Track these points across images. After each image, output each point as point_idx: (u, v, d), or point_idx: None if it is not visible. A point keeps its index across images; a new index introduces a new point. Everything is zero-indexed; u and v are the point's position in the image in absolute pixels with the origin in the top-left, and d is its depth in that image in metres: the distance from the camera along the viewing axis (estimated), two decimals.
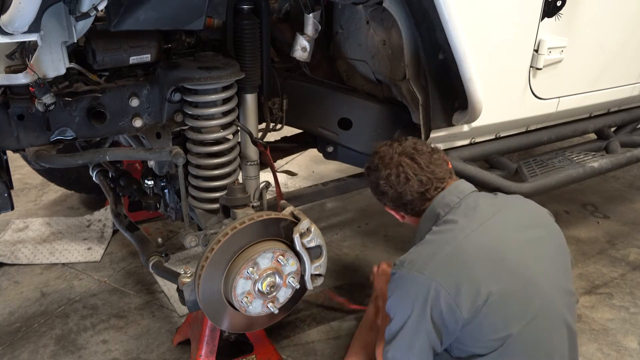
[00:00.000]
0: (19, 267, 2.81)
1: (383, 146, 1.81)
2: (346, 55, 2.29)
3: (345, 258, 2.93)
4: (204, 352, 2.01)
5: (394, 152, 1.75)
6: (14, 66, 1.49)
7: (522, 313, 1.52)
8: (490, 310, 1.48)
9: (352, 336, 2.22)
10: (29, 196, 3.57)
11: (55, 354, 2.26)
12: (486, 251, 1.54)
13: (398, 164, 1.72)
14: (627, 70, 2.52)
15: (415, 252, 1.60)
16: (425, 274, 1.51)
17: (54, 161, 1.72)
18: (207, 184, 2.00)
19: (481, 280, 1.49)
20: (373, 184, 1.81)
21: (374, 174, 1.79)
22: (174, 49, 1.88)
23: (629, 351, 2.31)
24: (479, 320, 1.49)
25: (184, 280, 1.78)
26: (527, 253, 1.60)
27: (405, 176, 1.71)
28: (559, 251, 1.71)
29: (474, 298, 1.47)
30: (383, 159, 1.76)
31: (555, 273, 1.64)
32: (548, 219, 1.77)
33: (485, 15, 1.91)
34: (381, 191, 1.77)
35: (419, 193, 1.71)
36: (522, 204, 1.78)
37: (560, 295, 1.61)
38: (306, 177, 3.92)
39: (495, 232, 1.60)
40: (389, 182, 1.73)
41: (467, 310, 1.48)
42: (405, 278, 1.55)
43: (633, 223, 3.33)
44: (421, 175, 1.70)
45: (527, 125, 2.41)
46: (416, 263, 1.55)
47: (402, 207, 1.78)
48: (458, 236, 1.56)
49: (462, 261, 1.52)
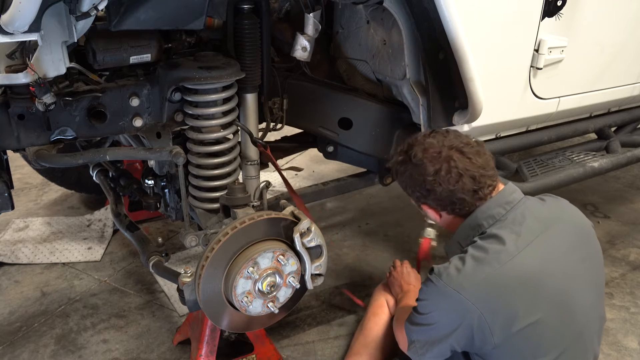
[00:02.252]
0: (20, 266, 2.81)
1: (425, 138, 1.61)
2: (346, 54, 2.29)
3: (345, 258, 2.93)
4: (204, 352, 2.01)
5: (441, 145, 1.57)
6: (14, 66, 1.49)
7: (555, 344, 1.48)
8: (523, 338, 1.46)
9: (352, 336, 2.22)
10: (30, 196, 3.58)
11: (56, 353, 2.26)
12: (528, 278, 1.46)
13: (448, 159, 1.54)
14: (628, 70, 2.52)
15: (456, 266, 1.49)
16: (463, 294, 1.44)
17: (54, 161, 1.72)
18: (207, 183, 2.00)
19: (519, 309, 1.44)
20: (414, 181, 1.60)
21: (416, 169, 1.59)
22: (174, 49, 1.88)
23: (629, 351, 2.31)
24: (509, 345, 1.46)
25: (184, 280, 1.78)
26: (569, 280, 1.52)
27: (457, 172, 1.53)
28: (598, 272, 1.65)
29: (509, 325, 1.44)
30: (427, 152, 1.57)
31: (593, 300, 1.59)
32: (590, 232, 1.67)
33: (486, 15, 1.91)
34: (426, 189, 1.58)
35: (472, 191, 1.55)
36: (570, 217, 1.66)
37: (593, 324, 1.58)
38: (306, 177, 3.92)
39: (539, 255, 1.50)
40: (438, 178, 1.54)
41: (499, 336, 1.45)
42: (440, 291, 1.49)
43: (633, 223, 3.33)
44: (473, 171, 1.54)
45: (528, 125, 2.41)
46: (454, 279, 1.46)
47: (449, 206, 1.60)
48: (502, 259, 1.46)
49: (503, 287, 1.46)
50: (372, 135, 2.25)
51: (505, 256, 1.47)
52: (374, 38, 2.12)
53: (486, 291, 1.45)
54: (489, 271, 1.46)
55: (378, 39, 2.10)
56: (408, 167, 1.62)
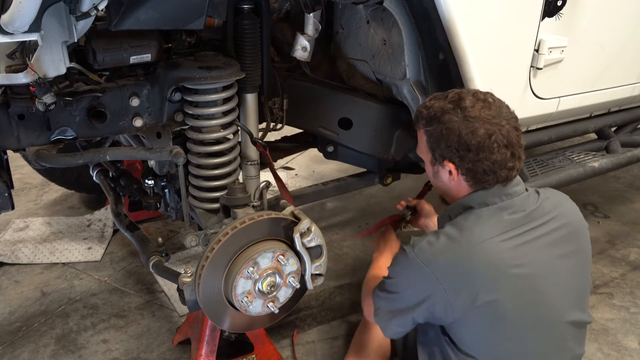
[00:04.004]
0: (20, 266, 2.81)
1: (477, 96, 1.55)
2: (346, 54, 2.29)
3: (345, 258, 2.93)
4: (204, 352, 2.01)
5: (497, 112, 1.53)
6: (14, 66, 1.49)
7: (514, 327, 1.51)
8: (480, 315, 1.49)
9: (352, 336, 2.22)
10: (30, 196, 3.58)
11: (56, 353, 2.26)
12: (492, 263, 1.48)
13: (502, 128, 1.51)
14: (628, 70, 2.52)
15: (429, 240, 1.53)
16: (429, 268, 1.50)
17: (54, 161, 1.72)
18: (207, 183, 2.00)
19: (480, 290, 1.47)
20: (455, 134, 1.52)
21: (465, 124, 1.51)
22: (174, 49, 1.88)
23: (629, 351, 2.31)
24: (467, 319, 1.51)
25: (184, 280, 1.78)
26: (541, 273, 1.52)
27: (505, 144, 1.51)
28: (582, 271, 1.65)
29: (470, 303, 1.48)
30: (483, 112, 1.51)
31: (569, 296, 1.59)
32: (583, 232, 1.66)
33: (486, 15, 1.91)
34: (467, 148, 1.51)
35: (506, 169, 1.53)
36: (564, 214, 1.63)
37: (567, 324, 1.58)
38: (306, 177, 3.92)
39: (511, 245, 1.50)
40: (488, 142, 1.49)
41: (458, 312, 1.50)
42: (410, 262, 1.54)
43: (633, 223, 3.33)
44: (515, 149, 1.53)
45: (528, 125, 2.41)
46: (424, 253, 1.52)
47: (477, 174, 1.54)
48: (474, 240, 1.49)
49: (468, 267, 1.48)
50: (372, 135, 2.25)
51: (477, 238, 1.49)
52: (374, 38, 2.12)
53: (452, 269, 1.49)
54: (457, 250, 1.49)
55: (378, 39, 2.10)
56: (454, 118, 1.53)
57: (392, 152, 2.29)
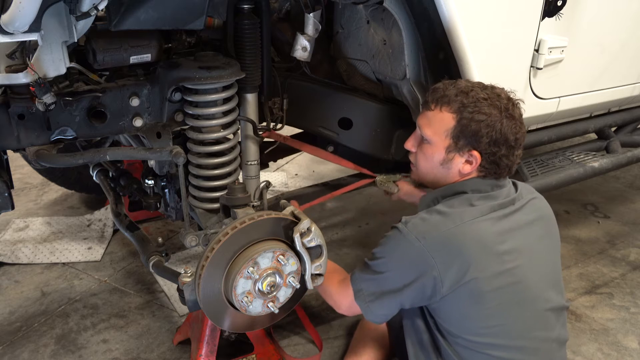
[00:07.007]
0: (20, 266, 2.81)
1: (507, 98, 1.62)
2: (346, 54, 2.29)
3: (345, 258, 2.93)
4: (204, 352, 2.01)
5: (510, 108, 1.60)
6: (14, 66, 1.49)
7: (498, 306, 1.55)
8: (466, 290, 1.52)
9: (352, 336, 2.22)
10: (30, 196, 3.58)
11: (56, 353, 2.26)
12: (481, 240, 1.54)
13: (524, 127, 1.63)
14: (628, 70, 2.52)
15: (421, 217, 1.59)
16: (422, 243, 1.52)
17: (54, 161, 1.72)
18: (207, 183, 2.00)
19: (470, 266, 1.51)
20: (493, 128, 1.57)
21: (510, 121, 1.59)
22: (175, 49, 1.88)
23: (629, 351, 2.31)
24: (454, 296, 1.53)
25: (184, 280, 1.78)
26: (524, 252, 1.60)
27: (514, 138, 1.60)
28: (555, 253, 1.74)
29: (459, 279, 1.51)
30: (515, 111, 1.60)
31: (548, 276, 1.67)
32: (552, 217, 1.76)
33: (486, 15, 1.91)
34: (504, 140, 1.58)
35: (513, 163, 1.63)
36: (537, 202, 1.74)
37: (547, 301, 1.63)
38: (306, 177, 3.92)
39: (499, 226, 1.58)
40: (522, 138, 1.62)
41: (447, 288, 1.52)
42: (403, 238, 1.56)
43: (633, 223, 3.33)
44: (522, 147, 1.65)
45: (528, 125, 2.41)
46: (418, 228, 1.55)
47: (492, 164, 1.62)
48: (465, 217, 1.55)
49: (460, 243, 1.53)
50: (373, 135, 2.26)
51: (468, 216, 1.56)
52: (374, 38, 2.12)
53: (445, 243, 1.53)
54: (450, 226, 1.54)
55: (378, 39, 2.10)
56: (494, 112, 1.57)
57: (392, 151, 2.29)
